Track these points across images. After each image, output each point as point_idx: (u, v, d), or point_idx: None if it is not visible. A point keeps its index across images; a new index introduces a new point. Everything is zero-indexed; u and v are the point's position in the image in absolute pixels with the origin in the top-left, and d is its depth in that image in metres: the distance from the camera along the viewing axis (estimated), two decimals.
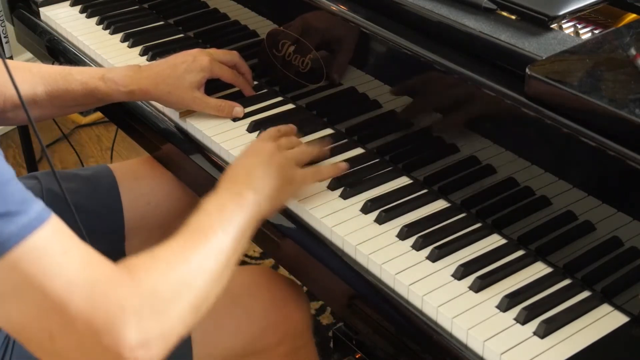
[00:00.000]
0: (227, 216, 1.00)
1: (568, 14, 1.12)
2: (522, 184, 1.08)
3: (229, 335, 1.21)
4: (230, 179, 1.09)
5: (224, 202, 1.02)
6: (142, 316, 0.82)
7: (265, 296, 1.24)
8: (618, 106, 0.93)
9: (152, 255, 0.90)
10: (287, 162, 1.14)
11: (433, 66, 1.13)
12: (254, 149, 1.16)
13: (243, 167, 1.12)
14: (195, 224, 0.97)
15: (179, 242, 0.94)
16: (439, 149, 1.17)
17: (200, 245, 0.94)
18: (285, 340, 1.25)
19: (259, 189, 1.07)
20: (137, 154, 2.65)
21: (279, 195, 1.11)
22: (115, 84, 1.31)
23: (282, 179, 1.12)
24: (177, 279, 0.89)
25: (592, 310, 1.00)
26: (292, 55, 1.37)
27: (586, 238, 1.02)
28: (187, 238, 0.95)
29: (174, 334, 0.87)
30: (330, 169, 1.21)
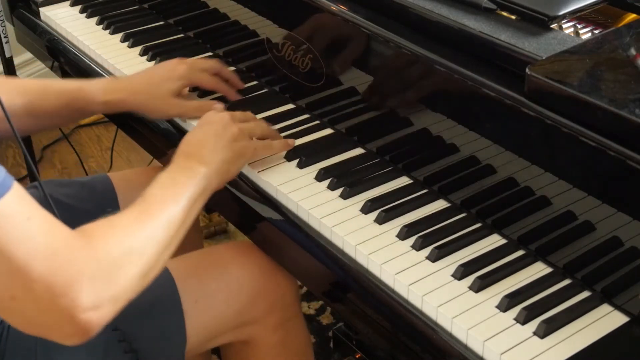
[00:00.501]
0: (179, 189, 1.07)
1: (568, 14, 1.12)
2: (522, 184, 1.08)
3: (220, 305, 1.24)
4: (184, 152, 1.15)
5: (176, 176, 1.09)
6: (96, 280, 0.89)
7: (254, 267, 1.27)
8: (618, 106, 0.93)
9: (109, 223, 0.97)
10: (239, 133, 1.20)
11: (433, 66, 1.13)
12: (209, 119, 1.21)
13: (196, 139, 1.17)
14: (149, 196, 1.04)
15: (134, 212, 1.01)
16: (439, 149, 1.17)
17: (153, 216, 1.01)
18: (274, 309, 1.27)
19: (210, 162, 1.13)
20: (137, 154, 2.65)
21: (229, 168, 1.17)
22: (92, 95, 1.33)
23: (234, 151, 1.18)
24: (130, 246, 0.95)
25: (592, 310, 1.00)
26: (292, 55, 1.36)
27: (586, 238, 1.02)
28: (142, 209, 1.02)
29: (123, 297, 0.94)
30: (281, 144, 1.26)
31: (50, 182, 1.41)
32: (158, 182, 1.07)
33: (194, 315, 1.20)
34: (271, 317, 1.27)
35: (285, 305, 1.29)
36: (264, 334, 1.28)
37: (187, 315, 1.20)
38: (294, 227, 1.17)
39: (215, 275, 1.24)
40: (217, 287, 1.23)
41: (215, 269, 1.25)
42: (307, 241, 1.15)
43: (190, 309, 1.20)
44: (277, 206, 1.20)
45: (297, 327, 1.34)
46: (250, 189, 1.24)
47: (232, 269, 1.26)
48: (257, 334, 1.28)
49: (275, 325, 1.28)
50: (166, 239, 1.01)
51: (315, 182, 1.22)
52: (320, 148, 1.29)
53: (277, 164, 1.26)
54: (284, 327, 1.30)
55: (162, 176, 1.09)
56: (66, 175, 2.59)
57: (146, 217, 1.01)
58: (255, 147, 1.22)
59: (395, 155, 1.25)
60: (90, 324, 0.89)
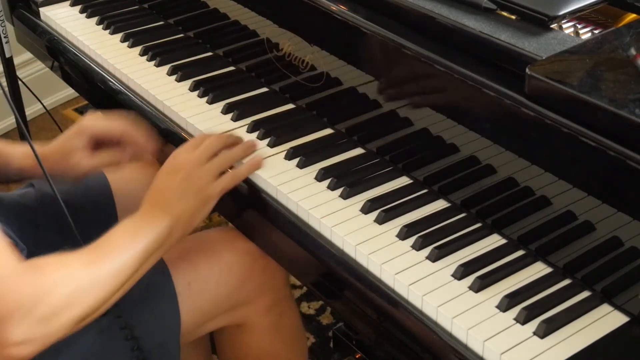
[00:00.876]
0: (139, 240, 1.09)
1: (568, 14, 1.12)
2: (522, 184, 1.08)
3: (212, 287, 1.26)
4: (150, 200, 1.16)
5: (140, 225, 1.11)
6: (31, 319, 0.92)
7: (243, 250, 1.28)
8: (618, 106, 0.93)
9: (61, 262, 0.99)
10: (205, 180, 1.18)
11: (433, 66, 1.13)
12: (174, 167, 1.19)
13: (162, 187, 1.17)
14: (109, 241, 1.07)
15: (90, 255, 1.04)
16: (439, 149, 1.17)
17: (106, 264, 1.04)
18: (265, 290, 1.30)
19: (174, 213, 1.14)
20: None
21: (194, 218, 1.17)
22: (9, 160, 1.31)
23: (199, 201, 1.17)
24: (74, 291, 0.98)
25: (592, 310, 1.00)
26: (292, 55, 1.37)
27: (586, 238, 1.02)
28: (98, 254, 1.05)
29: (55, 337, 0.97)
30: (246, 168, 1.24)
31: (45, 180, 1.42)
32: (122, 228, 1.10)
33: (187, 297, 1.23)
34: (262, 299, 1.30)
35: (275, 287, 1.31)
36: (256, 316, 1.31)
37: (180, 298, 1.22)
38: (294, 227, 1.17)
39: (206, 259, 1.26)
40: (208, 269, 1.26)
41: (206, 253, 1.27)
42: (307, 241, 1.15)
43: (183, 292, 1.22)
44: (277, 206, 1.20)
45: (289, 310, 1.36)
46: (250, 189, 1.24)
47: (222, 253, 1.28)
48: (249, 317, 1.31)
49: (267, 308, 1.31)
50: (114, 288, 1.04)
51: (315, 182, 1.22)
52: (320, 148, 1.29)
53: (277, 163, 1.26)
54: (276, 310, 1.32)
55: (127, 223, 1.11)
56: None
57: (99, 264, 1.03)
58: (221, 189, 1.19)
59: (395, 155, 1.25)
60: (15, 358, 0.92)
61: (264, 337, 1.33)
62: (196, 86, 1.46)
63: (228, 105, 1.40)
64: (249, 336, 1.33)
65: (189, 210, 1.15)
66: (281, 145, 1.30)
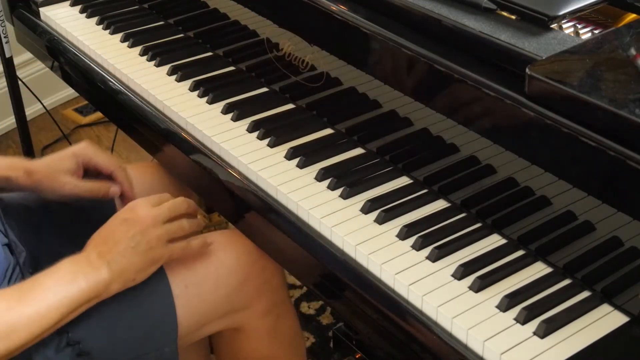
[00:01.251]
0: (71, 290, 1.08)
1: (568, 14, 1.12)
2: (522, 184, 1.08)
3: (210, 289, 1.25)
4: (96, 247, 1.14)
5: (77, 274, 1.09)
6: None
7: (241, 253, 1.28)
8: (618, 106, 0.93)
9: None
10: (157, 242, 1.16)
11: (433, 66, 1.13)
12: (130, 218, 1.17)
13: (113, 236, 1.15)
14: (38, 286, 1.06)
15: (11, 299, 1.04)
16: (439, 149, 1.17)
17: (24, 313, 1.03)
18: (262, 293, 1.29)
19: (116, 269, 1.12)
20: (137, 154, 2.65)
21: (135, 277, 1.15)
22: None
23: (146, 261, 1.15)
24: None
25: (592, 310, 1.00)
26: (292, 55, 1.36)
27: (586, 238, 1.02)
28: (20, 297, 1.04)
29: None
30: (199, 244, 1.22)
31: None
32: (57, 271, 1.09)
33: (184, 300, 1.22)
34: (260, 301, 1.29)
35: (273, 290, 1.31)
36: (253, 320, 1.30)
37: (177, 300, 1.21)
38: (294, 227, 1.17)
39: (204, 262, 1.26)
40: (205, 272, 1.25)
41: (203, 255, 1.26)
42: (307, 241, 1.15)
43: (180, 294, 1.22)
44: (277, 206, 1.20)
45: (287, 313, 1.36)
46: (250, 188, 1.24)
47: (219, 255, 1.27)
48: (247, 321, 1.30)
49: (264, 311, 1.30)
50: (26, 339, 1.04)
51: (315, 182, 1.22)
52: (320, 148, 1.29)
53: (277, 163, 1.26)
54: (273, 313, 1.32)
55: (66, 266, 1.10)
56: None
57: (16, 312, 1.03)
58: (170, 254, 1.19)
59: (395, 155, 1.25)
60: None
61: (261, 340, 1.32)
62: (196, 86, 1.46)
63: (228, 105, 1.40)
64: (247, 340, 1.32)
65: (133, 268, 1.14)
66: (281, 145, 1.30)
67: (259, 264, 1.28)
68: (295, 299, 2.01)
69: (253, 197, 1.24)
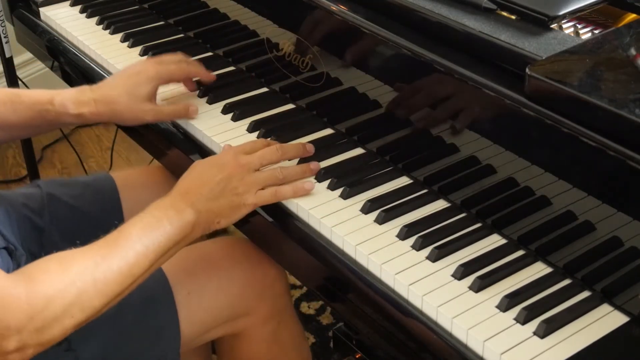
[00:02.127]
0: (157, 235, 1.04)
1: (568, 14, 1.12)
2: (522, 184, 1.08)
3: (212, 296, 1.24)
4: (182, 189, 1.12)
5: (162, 219, 1.06)
6: (25, 331, 0.90)
7: (243, 259, 1.28)
8: (618, 106, 0.93)
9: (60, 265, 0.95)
10: (244, 189, 1.14)
11: (433, 66, 1.13)
12: (219, 162, 1.16)
13: (199, 179, 1.13)
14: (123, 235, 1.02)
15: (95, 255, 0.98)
16: (439, 149, 1.17)
17: (113, 266, 0.98)
18: (264, 299, 1.28)
19: (201, 210, 1.10)
20: (137, 154, 2.65)
21: (220, 221, 1.13)
22: (64, 107, 1.29)
23: (230, 206, 1.13)
24: (74, 299, 0.94)
25: (592, 310, 1.00)
26: (292, 55, 1.36)
27: (586, 238, 1.02)
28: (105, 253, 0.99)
29: (51, 342, 0.95)
30: (291, 192, 1.17)
31: (53, 182, 1.41)
32: (144, 218, 1.06)
33: (187, 307, 1.22)
34: (262, 307, 1.29)
35: (275, 295, 1.30)
36: (256, 326, 1.30)
37: (180, 308, 1.21)
38: (294, 227, 1.17)
39: (206, 268, 1.25)
40: (207, 279, 1.25)
41: (205, 262, 1.26)
42: (307, 241, 1.15)
43: (182, 302, 1.21)
44: (277, 206, 1.20)
45: (288, 319, 1.35)
46: None
47: (221, 262, 1.27)
48: (249, 326, 1.29)
49: (267, 317, 1.30)
50: (119, 292, 1.00)
51: (315, 182, 1.22)
52: (320, 148, 1.29)
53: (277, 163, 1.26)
54: (276, 319, 1.31)
55: (151, 211, 1.07)
56: (66, 176, 2.59)
57: (104, 267, 0.98)
58: (257, 201, 1.16)
59: (395, 155, 1.25)
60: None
61: (263, 346, 1.32)
62: (196, 86, 1.46)
63: (228, 105, 1.40)
64: (248, 345, 1.31)
65: (217, 210, 1.12)
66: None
67: (261, 270, 1.28)
68: (295, 299, 2.01)
69: None
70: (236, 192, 1.13)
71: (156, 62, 1.35)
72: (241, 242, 1.29)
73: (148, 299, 1.18)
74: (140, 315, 1.18)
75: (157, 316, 1.19)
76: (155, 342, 1.19)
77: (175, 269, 1.23)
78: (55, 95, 1.30)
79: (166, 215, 1.07)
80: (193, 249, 1.30)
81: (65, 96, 1.30)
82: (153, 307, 1.19)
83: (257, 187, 1.15)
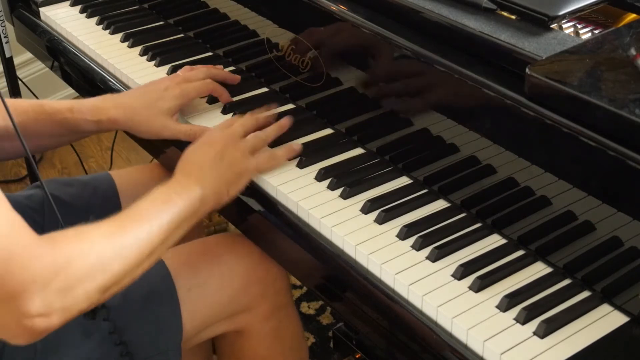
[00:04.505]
0: (168, 208, 1.06)
1: (568, 14, 1.12)
2: (522, 184, 1.08)
3: (213, 292, 1.25)
4: (183, 170, 1.15)
5: (171, 194, 1.09)
6: (49, 290, 0.90)
7: (245, 255, 1.28)
8: (618, 106, 0.93)
9: (79, 233, 0.96)
10: (240, 154, 1.19)
11: (433, 66, 1.13)
12: (210, 139, 1.20)
13: (196, 159, 1.17)
14: (136, 209, 1.04)
15: (111, 225, 1.00)
16: (439, 149, 1.17)
17: (129, 233, 1.00)
18: (266, 295, 1.29)
19: (207, 185, 1.13)
20: (137, 154, 2.65)
21: (228, 190, 1.17)
22: (83, 115, 1.30)
23: (233, 174, 1.17)
24: (95, 260, 0.95)
25: (592, 310, 1.00)
26: (292, 55, 1.36)
27: (586, 238, 1.02)
28: (120, 223, 1.01)
29: (76, 309, 0.94)
30: (284, 152, 1.25)
31: (53, 181, 1.42)
32: (151, 195, 1.07)
33: (189, 303, 1.22)
34: (263, 304, 1.29)
35: (276, 293, 1.30)
36: (256, 323, 1.30)
37: (182, 303, 1.21)
38: (294, 227, 1.17)
39: (208, 264, 1.26)
40: (209, 275, 1.25)
41: (207, 258, 1.27)
42: (307, 241, 1.15)
43: (184, 297, 1.22)
44: (277, 206, 1.20)
45: (289, 317, 1.36)
46: (250, 189, 1.24)
47: (223, 258, 1.27)
48: (250, 323, 1.30)
49: (267, 314, 1.30)
50: (138, 258, 1.00)
51: (315, 182, 1.22)
52: (320, 148, 1.29)
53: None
54: (276, 316, 1.31)
55: (157, 190, 1.09)
56: (66, 176, 2.59)
57: (121, 232, 1.00)
58: (256, 166, 1.21)
59: (395, 155, 1.25)
60: (36, 330, 0.90)
61: (263, 343, 1.32)
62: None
63: (228, 106, 1.40)
64: (249, 342, 1.32)
65: (222, 182, 1.15)
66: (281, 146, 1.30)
67: (263, 267, 1.28)
68: (295, 299, 2.01)
69: (253, 198, 1.24)
70: (234, 160, 1.18)
71: (183, 80, 1.35)
72: (243, 238, 1.29)
73: (150, 293, 1.19)
74: (142, 309, 1.18)
75: (159, 310, 1.20)
76: (156, 336, 1.19)
77: (178, 264, 1.23)
78: (75, 103, 1.32)
79: (174, 191, 1.10)
80: (195, 244, 1.31)
81: (84, 104, 1.32)
82: (155, 301, 1.20)
83: (251, 150, 1.21)
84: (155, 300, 1.20)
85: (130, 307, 1.17)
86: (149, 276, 1.10)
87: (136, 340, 1.18)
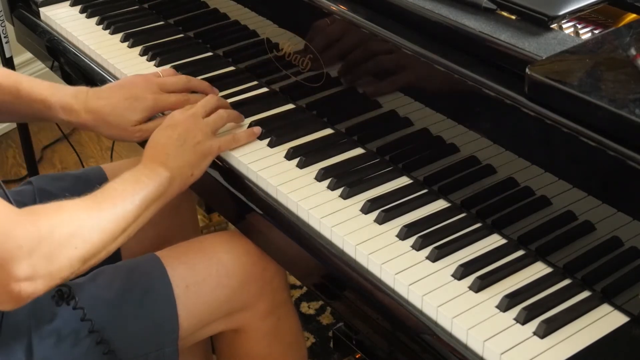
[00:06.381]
0: (138, 188, 1.13)
1: (568, 14, 1.12)
2: (522, 184, 1.08)
3: (211, 290, 1.25)
4: (149, 155, 1.20)
5: (139, 176, 1.15)
6: (34, 255, 0.96)
7: (242, 253, 1.28)
8: (618, 106, 0.93)
9: (58, 205, 1.03)
10: (202, 135, 1.23)
11: (433, 66, 1.13)
12: (172, 121, 1.24)
13: (160, 143, 1.21)
14: (108, 189, 1.11)
15: (87, 200, 1.07)
16: (439, 149, 1.17)
17: (104, 208, 1.07)
18: (264, 293, 1.29)
19: (173, 167, 1.18)
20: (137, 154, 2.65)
21: (192, 172, 1.21)
22: (56, 112, 1.33)
23: (197, 154, 1.22)
24: (74, 229, 1.01)
25: (592, 310, 1.00)
26: (292, 55, 1.37)
27: (586, 238, 1.02)
28: (96, 199, 1.08)
29: (60, 275, 1.00)
30: (245, 135, 1.30)
31: (45, 177, 1.43)
32: (122, 177, 1.13)
33: (186, 301, 1.22)
34: (261, 302, 1.29)
35: (274, 290, 1.30)
36: (254, 321, 1.30)
37: (178, 301, 1.21)
38: (294, 227, 1.17)
39: (205, 262, 1.26)
40: (207, 273, 1.25)
41: (204, 256, 1.27)
42: (307, 241, 1.15)
43: (181, 295, 1.22)
44: (277, 206, 1.20)
45: (288, 315, 1.35)
46: (250, 189, 1.24)
47: (221, 256, 1.27)
48: (247, 322, 1.30)
49: (265, 312, 1.30)
50: (114, 232, 1.06)
51: (315, 182, 1.22)
52: (320, 148, 1.29)
53: (277, 163, 1.26)
54: (274, 314, 1.31)
55: (127, 173, 1.14)
56: None
57: (97, 207, 1.06)
58: (219, 145, 1.26)
59: (395, 155, 1.25)
60: (22, 294, 0.96)
61: (262, 341, 1.32)
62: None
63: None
64: (247, 340, 1.32)
65: (186, 163, 1.20)
66: (281, 145, 1.30)
67: (260, 265, 1.28)
68: (295, 299, 2.01)
69: (253, 198, 1.24)
70: (197, 140, 1.22)
71: (158, 89, 1.36)
72: (241, 236, 1.29)
73: (147, 290, 1.19)
74: (139, 307, 1.18)
75: (155, 308, 1.20)
76: (153, 333, 1.19)
77: (175, 262, 1.23)
78: (50, 96, 1.33)
79: (143, 173, 1.15)
80: (192, 242, 1.31)
81: (57, 100, 1.33)
82: (151, 299, 1.20)
83: (211, 131, 1.25)
84: (152, 297, 1.20)
85: (126, 304, 1.17)
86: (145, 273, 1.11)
87: (132, 337, 1.18)
